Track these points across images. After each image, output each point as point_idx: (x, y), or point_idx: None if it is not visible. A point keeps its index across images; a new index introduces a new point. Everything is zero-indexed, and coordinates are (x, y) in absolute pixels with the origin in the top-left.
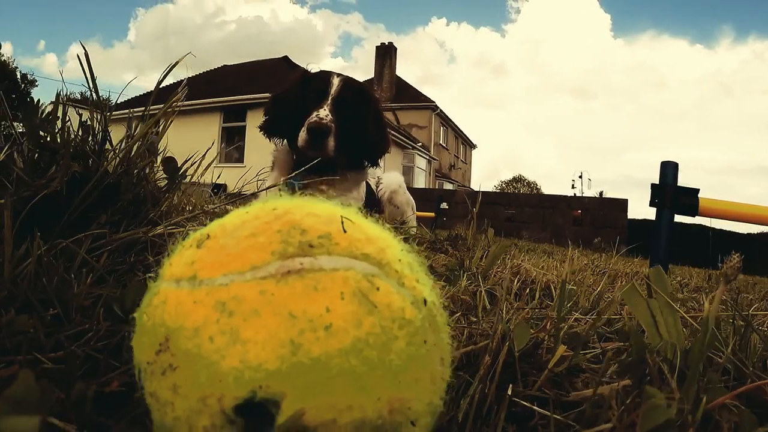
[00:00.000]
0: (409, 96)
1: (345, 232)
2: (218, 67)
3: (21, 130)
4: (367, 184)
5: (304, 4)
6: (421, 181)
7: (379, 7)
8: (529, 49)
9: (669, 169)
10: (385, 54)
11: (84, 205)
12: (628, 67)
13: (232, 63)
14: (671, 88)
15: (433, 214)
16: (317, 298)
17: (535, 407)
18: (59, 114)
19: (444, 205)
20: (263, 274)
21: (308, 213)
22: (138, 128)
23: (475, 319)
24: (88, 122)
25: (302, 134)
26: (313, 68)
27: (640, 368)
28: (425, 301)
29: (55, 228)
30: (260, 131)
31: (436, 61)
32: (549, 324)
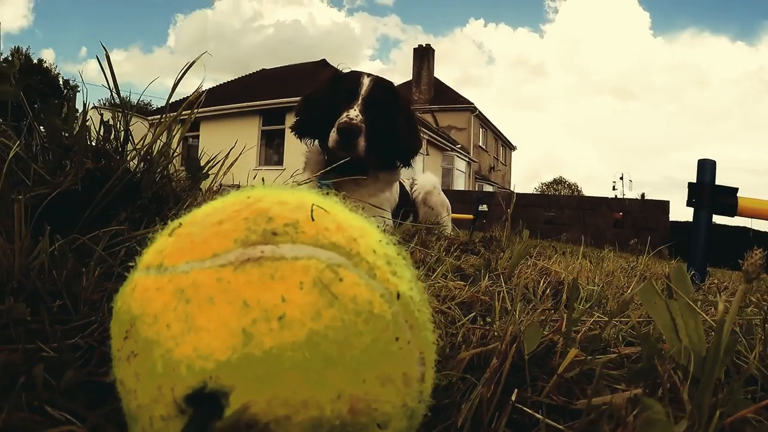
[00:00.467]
0: (448, 98)
1: (313, 220)
2: (257, 71)
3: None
4: (402, 186)
5: (341, 7)
6: (460, 184)
7: (417, 9)
8: (567, 49)
9: (707, 167)
10: (423, 56)
11: (104, 203)
12: (668, 66)
13: (270, 67)
14: (713, 86)
15: (471, 216)
16: (273, 287)
17: (537, 414)
18: (84, 114)
19: (483, 207)
20: (222, 262)
21: (279, 201)
22: (165, 130)
23: (490, 320)
24: (110, 122)
25: (332, 134)
26: (345, 68)
27: (651, 376)
28: (398, 295)
29: (76, 224)
30: (292, 132)
31: (475, 63)
32: (563, 326)
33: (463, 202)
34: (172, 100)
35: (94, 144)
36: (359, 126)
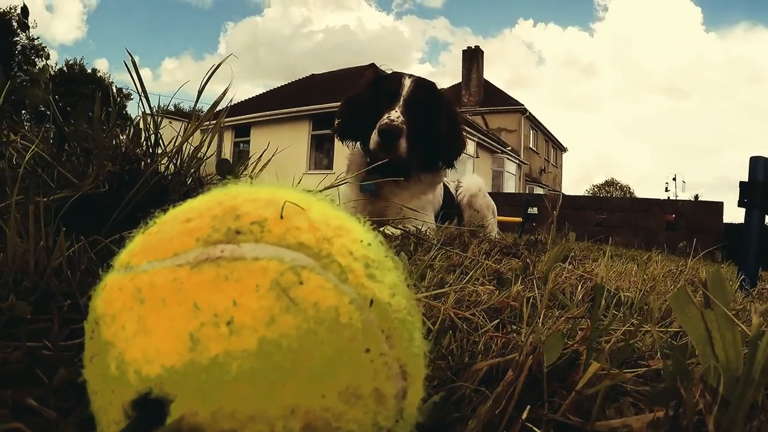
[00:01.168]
0: (498, 99)
1: (282, 218)
2: (307, 77)
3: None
4: (446, 188)
5: (390, 11)
6: (511, 186)
7: (465, 10)
8: (618, 47)
9: (759, 164)
10: (472, 57)
11: (132, 205)
12: (722, 61)
13: (320, 72)
14: None
15: (520, 219)
16: (226, 289)
17: None
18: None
19: (533, 210)
20: (181, 261)
21: (251, 198)
22: (193, 132)
23: (516, 327)
24: (140, 125)
25: (374, 136)
26: (387, 70)
27: (675, 397)
28: (372, 302)
29: (104, 226)
30: (333, 134)
31: (525, 63)
32: (587, 334)
33: (512, 205)
34: (224, 105)
35: (123, 147)
36: (400, 127)
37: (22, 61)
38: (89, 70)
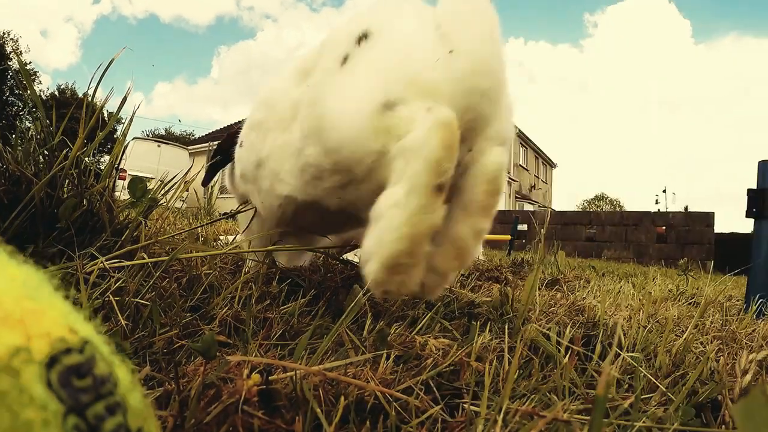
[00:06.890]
0: None
1: None
2: None
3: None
4: None
5: None
6: (500, 203)
7: None
8: (609, 63)
9: None
10: None
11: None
12: (712, 73)
13: None
14: (758, 92)
15: (509, 237)
16: None
17: None
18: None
19: (522, 227)
20: None
21: None
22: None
23: (460, 420)
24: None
25: None
26: None
27: None
28: None
29: None
30: None
31: (516, 82)
32: None
33: (502, 223)
34: (213, 129)
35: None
36: None
37: (14, 85)
38: (80, 95)
